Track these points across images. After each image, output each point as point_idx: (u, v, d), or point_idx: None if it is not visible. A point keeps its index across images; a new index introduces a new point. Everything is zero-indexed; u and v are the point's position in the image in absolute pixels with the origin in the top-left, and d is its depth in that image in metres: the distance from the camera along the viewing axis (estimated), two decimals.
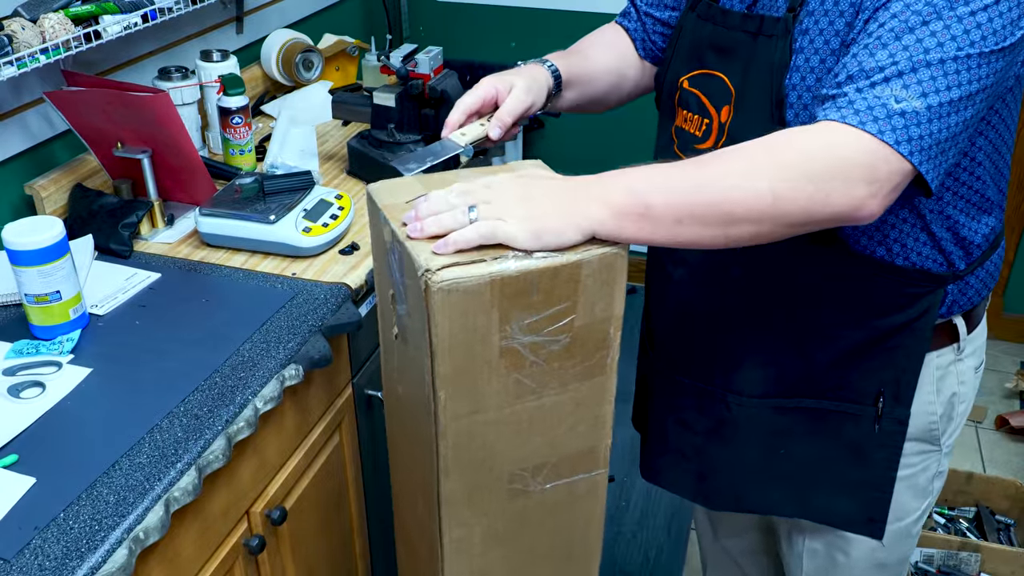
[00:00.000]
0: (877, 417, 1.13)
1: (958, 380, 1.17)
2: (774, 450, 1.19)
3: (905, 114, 0.85)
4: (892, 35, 0.87)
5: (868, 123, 0.85)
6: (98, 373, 1.23)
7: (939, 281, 1.06)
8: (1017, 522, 2.20)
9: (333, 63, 2.31)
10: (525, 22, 2.77)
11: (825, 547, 1.26)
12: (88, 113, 1.54)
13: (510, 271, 0.84)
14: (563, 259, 0.85)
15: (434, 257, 0.84)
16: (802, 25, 0.99)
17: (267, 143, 1.87)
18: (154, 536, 1.02)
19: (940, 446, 1.20)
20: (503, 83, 1.13)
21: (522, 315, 0.86)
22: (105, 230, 1.51)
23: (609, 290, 0.89)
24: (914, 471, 1.19)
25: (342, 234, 1.55)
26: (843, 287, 1.07)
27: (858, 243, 1.04)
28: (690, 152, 1.11)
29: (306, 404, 1.39)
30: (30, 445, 1.10)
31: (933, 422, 1.17)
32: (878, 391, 1.12)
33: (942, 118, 0.86)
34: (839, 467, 1.17)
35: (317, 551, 1.48)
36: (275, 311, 1.36)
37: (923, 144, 0.85)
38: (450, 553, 0.99)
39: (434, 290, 0.82)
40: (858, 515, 1.19)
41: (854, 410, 1.14)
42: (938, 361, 1.14)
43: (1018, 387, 2.75)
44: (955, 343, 1.14)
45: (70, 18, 1.48)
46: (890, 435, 1.14)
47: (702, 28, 1.11)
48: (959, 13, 0.85)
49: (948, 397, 1.17)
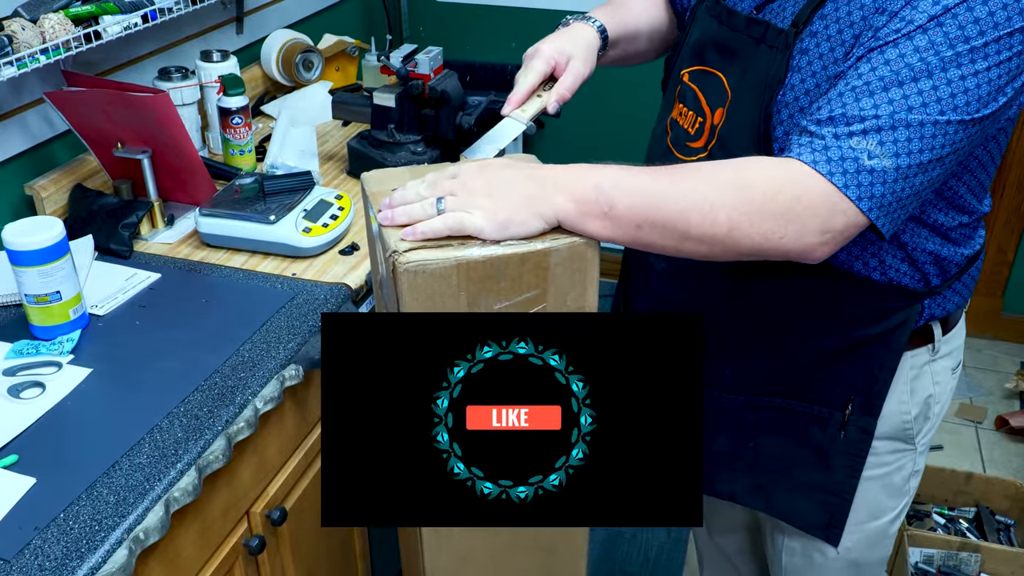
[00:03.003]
0: (843, 423, 1.13)
1: (932, 380, 1.16)
2: (743, 442, 1.19)
3: (873, 172, 0.87)
4: (881, 84, 0.88)
5: (836, 174, 0.87)
6: (98, 373, 1.23)
7: (915, 297, 1.07)
8: (1017, 522, 2.20)
9: (333, 63, 2.31)
10: (525, 22, 2.77)
11: (802, 546, 1.27)
12: (88, 113, 1.54)
13: (475, 256, 0.85)
14: (530, 247, 0.87)
15: (403, 240, 0.86)
16: (803, 44, 0.98)
17: (267, 143, 1.88)
18: (154, 536, 1.02)
19: (915, 445, 1.19)
20: (562, 55, 1.13)
21: (491, 301, 0.88)
22: (105, 230, 1.51)
23: (581, 279, 0.90)
24: (889, 470, 1.19)
25: (342, 234, 1.55)
26: (820, 297, 1.07)
27: (835, 258, 1.03)
28: (682, 148, 1.12)
29: (306, 404, 1.39)
30: (30, 445, 1.10)
31: (907, 422, 1.16)
32: (847, 398, 1.12)
33: (907, 178, 0.88)
34: (803, 467, 1.17)
35: (317, 551, 1.48)
36: (275, 311, 1.36)
37: (884, 201, 0.88)
38: (428, 534, 1.00)
39: (400, 271, 0.84)
40: (817, 518, 1.19)
41: (823, 413, 1.14)
42: (912, 361, 1.13)
43: (1018, 387, 2.75)
44: (930, 344, 1.14)
45: (70, 18, 1.48)
46: (854, 443, 1.14)
47: (708, 24, 1.10)
48: (950, 76, 0.86)
49: (923, 398, 1.16)
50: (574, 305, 0.91)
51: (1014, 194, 2.82)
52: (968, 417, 2.68)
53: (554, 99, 1.11)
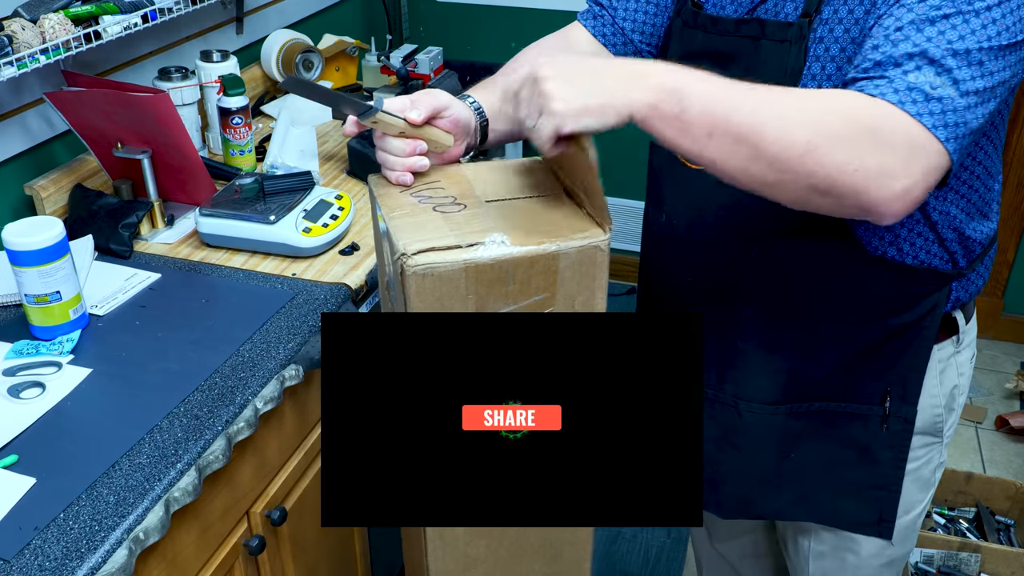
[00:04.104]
0: (885, 416, 1.14)
1: (957, 372, 1.18)
2: (784, 455, 1.19)
3: (942, 100, 0.83)
4: (913, 27, 0.86)
5: (907, 103, 0.82)
6: (98, 373, 1.23)
7: (945, 279, 1.08)
8: (1017, 522, 2.20)
9: (333, 63, 2.31)
10: (525, 22, 2.77)
11: (832, 548, 1.26)
12: (88, 113, 1.54)
13: (484, 259, 0.85)
14: (539, 249, 0.86)
15: (412, 242, 0.85)
16: (816, 34, 0.99)
17: (267, 143, 1.88)
18: (154, 536, 1.02)
19: (942, 437, 1.21)
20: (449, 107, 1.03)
21: (499, 304, 0.87)
22: (105, 230, 1.51)
23: (589, 284, 0.89)
24: (919, 464, 1.20)
25: (342, 234, 1.55)
26: (854, 288, 1.07)
27: (869, 244, 1.05)
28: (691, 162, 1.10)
29: (306, 404, 1.39)
30: (30, 445, 1.10)
31: (938, 414, 1.18)
32: (885, 390, 1.13)
33: (970, 108, 0.85)
34: (848, 469, 1.18)
35: (317, 551, 1.48)
36: (275, 311, 1.36)
37: (957, 132, 0.84)
38: (433, 538, 1.00)
39: (408, 273, 0.84)
40: (868, 516, 1.20)
41: (862, 411, 1.14)
42: (939, 355, 1.15)
43: (1018, 387, 2.75)
44: (954, 335, 1.15)
45: (70, 18, 1.48)
46: (897, 434, 1.15)
47: (692, 37, 1.10)
48: (976, 7, 0.86)
49: (950, 389, 1.18)
50: (582, 309, 0.91)
51: (1014, 194, 2.82)
52: (968, 417, 2.68)
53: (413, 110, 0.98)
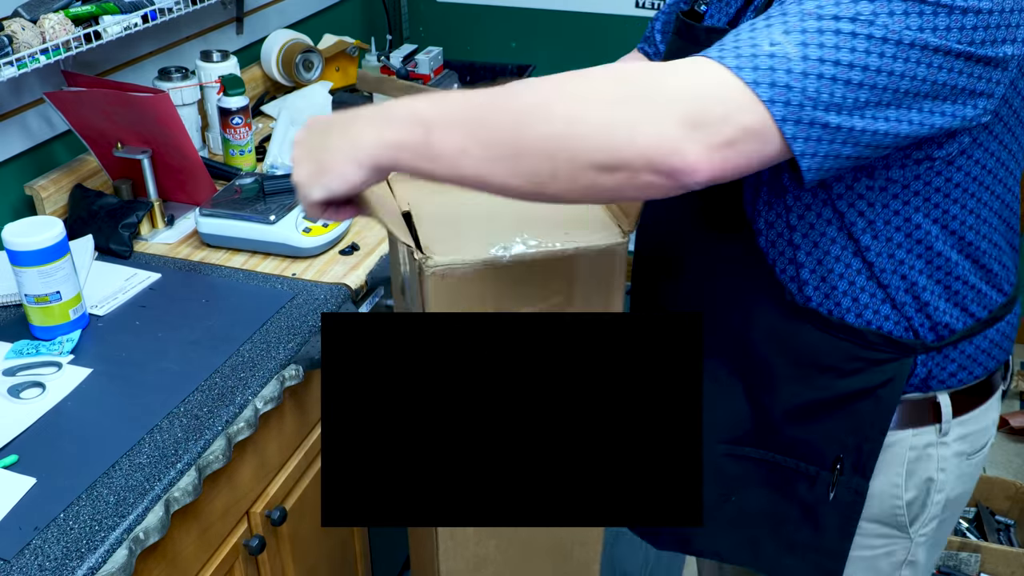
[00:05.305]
0: (832, 484, 0.99)
1: (937, 467, 0.99)
2: (725, 496, 1.08)
3: (774, 56, 0.67)
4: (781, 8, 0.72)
5: (728, 57, 0.67)
6: (98, 373, 1.23)
7: (903, 350, 0.91)
8: (1017, 522, 2.20)
9: (333, 63, 2.31)
10: (525, 22, 2.76)
11: None
12: (88, 113, 1.54)
13: (503, 259, 0.85)
14: (557, 249, 0.87)
15: (432, 242, 0.86)
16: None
17: (267, 143, 1.88)
18: (154, 536, 1.02)
19: (909, 534, 1.03)
20: None
21: (517, 305, 0.87)
22: (105, 230, 1.51)
23: (607, 285, 0.89)
24: (875, 553, 1.05)
25: (342, 235, 1.55)
26: (792, 342, 0.96)
27: (803, 294, 0.93)
28: None
29: (306, 404, 1.39)
30: (30, 445, 1.10)
31: (898, 506, 1.00)
32: (837, 456, 0.98)
33: (822, 77, 0.67)
34: (791, 525, 1.05)
35: (317, 551, 1.48)
36: (275, 311, 1.36)
37: (789, 95, 0.66)
38: (444, 539, 1.00)
39: (428, 274, 0.84)
40: None
41: (809, 471, 1.00)
42: (913, 441, 0.97)
43: (1018, 387, 2.75)
44: (937, 423, 0.97)
45: (70, 18, 1.48)
46: (846, 505, 0.99)
47: (674, 40, 1.06)
48: None
49: (922, 481, 0.99)
50: (600, 310, 0.91)
51: None
52: None
53: None
